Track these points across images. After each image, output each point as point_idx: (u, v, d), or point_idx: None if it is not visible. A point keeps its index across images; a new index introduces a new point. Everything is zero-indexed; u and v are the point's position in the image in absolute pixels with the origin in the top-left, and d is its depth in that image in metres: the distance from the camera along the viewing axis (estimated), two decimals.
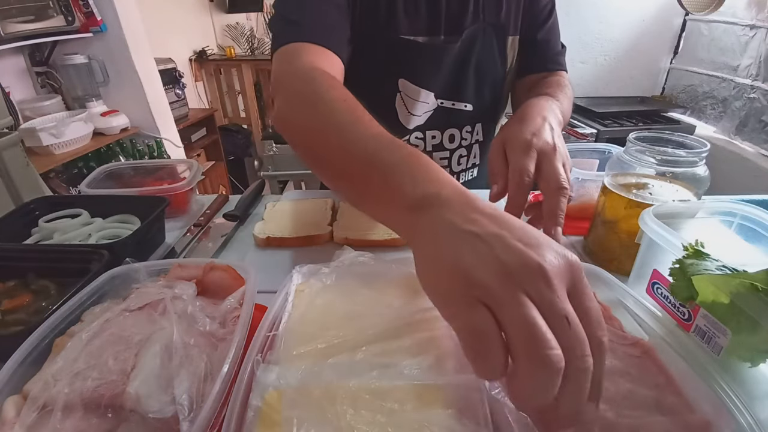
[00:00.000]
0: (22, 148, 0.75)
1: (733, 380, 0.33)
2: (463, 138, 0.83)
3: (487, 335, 0.26)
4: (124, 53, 1.89)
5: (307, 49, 0.58)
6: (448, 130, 0.81)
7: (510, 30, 0.77)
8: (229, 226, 0.71)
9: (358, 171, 0.39)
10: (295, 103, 0.50)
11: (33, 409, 0.32)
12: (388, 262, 0.48)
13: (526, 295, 0.26)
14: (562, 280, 0.27)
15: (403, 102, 0.76)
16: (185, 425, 0.31)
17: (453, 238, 0.30)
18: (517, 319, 0.25)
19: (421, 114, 0.78)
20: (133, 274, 0.47)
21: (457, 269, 0.28)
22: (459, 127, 0.81)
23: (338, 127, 0.42)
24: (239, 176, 3.23)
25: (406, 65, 0.74)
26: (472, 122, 0.82)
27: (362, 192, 0.40)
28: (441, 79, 0.76)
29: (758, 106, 1.93)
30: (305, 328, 0.39)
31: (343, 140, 0.41)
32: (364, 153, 0.39)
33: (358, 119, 0.42)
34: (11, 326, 0.46)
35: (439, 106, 0.78)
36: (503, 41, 0.77)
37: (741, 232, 0.50)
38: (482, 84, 0.79)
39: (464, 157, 0.85)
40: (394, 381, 0.34)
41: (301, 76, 0.53)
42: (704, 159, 0.52)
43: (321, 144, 0.44)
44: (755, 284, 0.34)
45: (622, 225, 0.55)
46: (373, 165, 0.37)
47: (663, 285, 0.44)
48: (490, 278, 0.27)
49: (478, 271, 0.27)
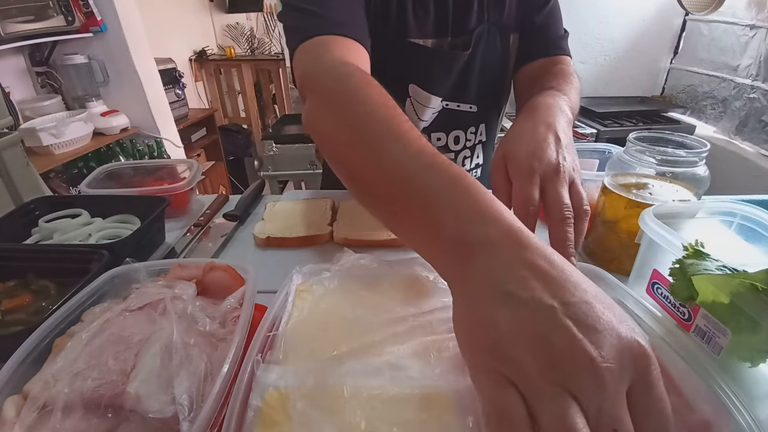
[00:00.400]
0: (22, 148, 0.75)
1: (733, 380, 0.33)
2: (468, 139, 0.82)
3: (513, 422, 0.22)
4: (124, 53, 1.89)
5: (335, 42, 0.52)
6: (453, 132, 0.81)
7: (512, 28, 0.77)
8: (229, 226, 0.71)
9: (394, 194, 0.34)
10: (328, 104, 0.45)
11: (33, 409, 0.32)
12: (389, 264, 0.48)
13: (569, 393, 0.21)
14: (622, 378, 0.22)
15: (413, 108, 0.76)
16: (185, 425, 0.31)
17: (494, 296, 0.25)
18: (553, 420, 0.21)
19: (426, 119, 0.78)
20: (133, 274, 0.47)
21: (491, 337, 0.24)
22: (464, 128, 0.81)
23: (374, 139, 0.38)
24: (239, 176, 3.23)
25: (416, 71, 0.73)
26: (476, 123, 0.82)
27: (398, 218, 0.36)
28: (448, 83, 0.76)
29: (758, 106, 1.93)
30: (306, 328, 0.39)
31: (378, 156, 0.36)
32: (402, 174, 0.34)
33: (397, 128, 0.38)
34: (11, 326, 0.46)
35: (444, 108, 0.78)
36: (506, 40, 0.77)
37: (741, 232, 0.50)
38: (486, 85, 0.79)
39: (468, 158, 0.85)
40: (396, 384, 0.34)
41: (333, 74, 0.47)
42: (704, 159, 0.52)
43: (353, 158, 0.40)
44: (755, 284, 0.34)
45: (622, 225, 0.55)
46: (410, 190, 0.33)
47: (663, 285, 0.44)
48: (527, 360, 0.23)
49: (514, 346, 0.23)
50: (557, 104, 0.55)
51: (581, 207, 0.44)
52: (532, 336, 0.23)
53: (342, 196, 0.76)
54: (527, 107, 0.56)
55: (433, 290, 0.44)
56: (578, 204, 0.44)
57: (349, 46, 0.53)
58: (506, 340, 0.23)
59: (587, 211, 0.44)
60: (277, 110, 3.36)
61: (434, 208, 0.31)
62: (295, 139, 2.01)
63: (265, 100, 3.34)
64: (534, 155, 0.46)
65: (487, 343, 0.24)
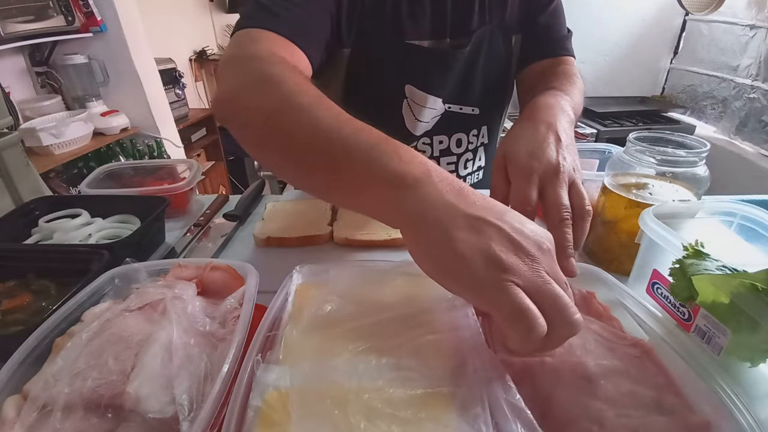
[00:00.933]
0: (22, 148, 0.74)
1: (733, 380, 0.33)
2: (470, 142, 0.82)
3: (531, 311, 0.29)
4: (124, 53, 1.89)
5: (273, 38, 0.51)
6: (455, 135, 0.80)
7: (514, 29, 0.76)
8: (229, 226, 0.71)
9: (334, 154, 0.36)
10: (251, 82, 0.43)
11: (33, 409, 0.32)
12: (388, 265, 0.48)
13: (545, 272, 0.31)
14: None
15: (410, 108, 0.75)
16: (185, 425, 0.31)
17: (466, 225, 0.32)
18: (549, 294, 0.31)
19: (429, 120, 0.77)
20: (133, 274, 0.47)
21: (489, 257, 0.31)
22: (466, 131, 0.81)
23: (305, 108, 0.39)
24: (239, 176, 3.23)
25: (412, 71, 0.72)
26: (478, 125, 0.82)
27: (337, 176, 0.37)
28: (449, 85, 0.75)
29: (758, 106, 1.93)
30: (306, 328, 0.39)
31: (313, 122, 0.38)
32: (340, 134, 0.36)
33: (327, 104, 0.39)
34: (11, 326, 0.46)
35: (447, 111, 0.77)
36: (509, 41, 0.77)
37: (741, 232, 0.50)
38: (489, 87, 0.79)
39: (470, 161, 0.85)
40: (396, 384, 0.34)
41: (258, 59, 0.46)
42: (704, 159, 0.52)
43: (286, 128, 0.39)
44: (755, 284, 0.34)
45: (622, 225, 0.55)
46: (352, 146, 0.36)
47: (663, 285, 0.44)
48: (518, 263, 0.31)
49: (508, 257, 0.31)
50: (559, 104, 0.55)
51: (583, 207, 0.44)
52: (512, 245, 0.31)
53: None
54: (529, 107, 0.55)
55: (433, 290, 0.44)
56: (579, 204, 0.44)
57: (287, 48, 0.53)
58: (501, 255, 0.31)
59: (589, 211, 0.44)
60: None
61: (379, 155, 0.35)
62: None
63: None
64: (533, 155, 0.46)
65: (489, 263, 0.31)
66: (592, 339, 0.40)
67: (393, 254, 0.63)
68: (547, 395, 0.35)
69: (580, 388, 0.35)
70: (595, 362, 0.37)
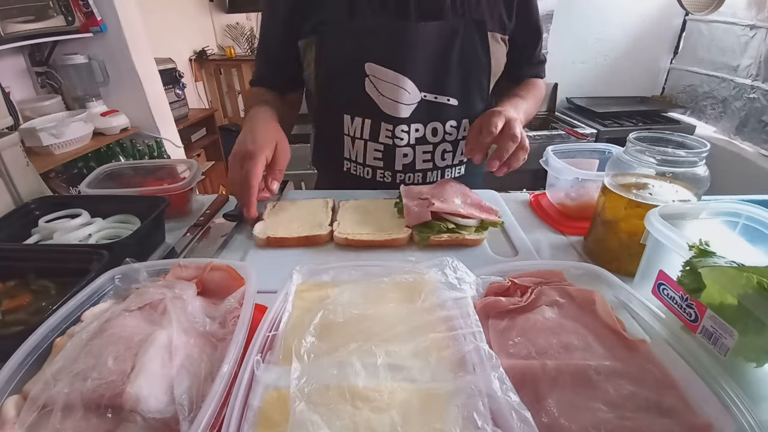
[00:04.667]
0: (22, 148, 0.74)
1: (738, 381, 0.33)
2: (447, 132, 0.83)
3: None
4: (124, 53, 1.88)
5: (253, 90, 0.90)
6: (431, 124, 0.82)
7: (489, 25, 0.78)
8: (229, 226, 0.71)
9: None
10: None
11: (33, 409, 0.32)
12: (388, 265, 0.48)
13: None
14: None
15: (373, 85, 0.78)
16: (185, 425, 0.31)
17: None
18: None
19: (407, 104, 0.79)
20: (133, 274, 0.47)
21: None
22: (442, 121, 0.82)
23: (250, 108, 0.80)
24: None
25: (369, 48, 0.77)
26: (458, 117, 0.83)
27: None
28: (418, 65, 0.77)
29: (758, 106, 1.93)
30: (305, 329, 0.39)
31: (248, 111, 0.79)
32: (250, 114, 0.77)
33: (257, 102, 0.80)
34: (11, 326, 0.46)
35: (423, 99, 0.80)
36: (484, 36, 0.78)
37: (745, 232, 0.50)
38: (467, 79, 0.80)
39: (449, 153, 0.85)
40: (396, 384, 0.34)
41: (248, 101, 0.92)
42: (704, 159, 0.52)
43: None
44: (762, 283, 0.34)
45: (622, 225, 0.55)
46: None
47: (669, 286, 0.44)
48: None
49: None
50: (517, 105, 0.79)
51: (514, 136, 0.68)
52: None
53: (340, 196, 0.76)
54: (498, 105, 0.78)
55: (433, 290, 0.44)
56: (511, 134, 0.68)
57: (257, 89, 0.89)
58: None
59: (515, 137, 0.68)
60: None
61: None
62: (295, 139, 1.99)
63: None
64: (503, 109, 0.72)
65: None
66: (594, 340, 0.40)
67: (393, 254, 0.63)
68: (548, 398, 0.34)
69: (581, 390, 0.35)
70: (596, 364, 0.37)
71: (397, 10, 0.75)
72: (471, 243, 0.64)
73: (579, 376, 0.36)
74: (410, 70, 0.77)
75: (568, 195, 0.71)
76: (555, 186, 0.75)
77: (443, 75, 0.79)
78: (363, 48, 0.77)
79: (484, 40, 0.79)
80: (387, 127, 0.81)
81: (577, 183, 0.69)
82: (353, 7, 0.75)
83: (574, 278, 0.49)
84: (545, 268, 0.50)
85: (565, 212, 0.73)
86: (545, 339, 0.40)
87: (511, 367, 0.35)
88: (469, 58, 0.79)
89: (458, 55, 0.78)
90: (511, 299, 0.45)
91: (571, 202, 0.71)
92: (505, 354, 0.39)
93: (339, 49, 0.78)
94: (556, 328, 0.41)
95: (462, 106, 0.82)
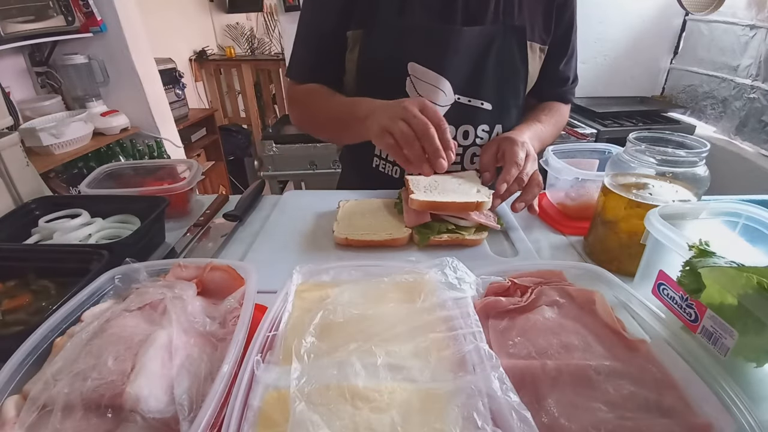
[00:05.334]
0: (22, 148, 0.74)
1: (738, 381, 0.33)
2: (479, 136, 0.83)
3: None
4: (124, 53, 1.88)
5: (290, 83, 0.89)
6: (462, 126, 0.82)
7: (528, 34, 0.78)
8: (229, 226, 0.71)
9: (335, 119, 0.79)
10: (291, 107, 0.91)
11: (33, 409, 0.32)
12: (388, 265, 0.48)
13: None
14: None
15: (413, 86, 0.78)
16: (185, 425, 0.31)
17: None
18: None
19: (437, 101, 0.79)
20: (133, 274, 0.47)
21: None
22: (474, 124, 0.82)
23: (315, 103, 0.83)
24: (239, 176, 3.23)
25: (414, 48, 0.76)
26: (491, 122, 0.83)
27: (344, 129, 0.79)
28: (456, 68, 0.77)
29: (758, 106, 1.93)
30: (305, 329, 0.39)
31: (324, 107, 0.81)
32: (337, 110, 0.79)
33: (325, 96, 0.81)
34: (11, 326, 0.46)
35: (457, 101, 0.79)
36: (523, 44, 0.79)
37: (745, 233, 0.50)
38: (503, 85, 0.80)
39: (479, 157, 0.84)
40: (396, 384, 0.34)
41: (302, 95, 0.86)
42: (704, 159, 0.52)
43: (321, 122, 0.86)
44: (762, 283, 0.34)
45: (622, 225, 0.55)
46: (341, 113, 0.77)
47: (669, 286, 0.44)
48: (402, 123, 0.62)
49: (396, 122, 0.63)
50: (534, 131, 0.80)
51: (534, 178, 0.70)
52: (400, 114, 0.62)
53: (348, 195, 0.76)
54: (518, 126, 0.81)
55: (433, 290, 0.44)
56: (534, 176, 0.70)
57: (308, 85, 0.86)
58: None
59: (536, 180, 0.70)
60: (277, 110, 3.36)
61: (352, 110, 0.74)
62: (295, 139, 2.00)
63: (265, 100, 3.34)
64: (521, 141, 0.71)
65: None
66: (594, 340, 0.40)
67: (393, 254, 0.63)
68: (548, 398, 0.34)
69: (581, 390, 0.35)
70: (596, 364, 0.37)
71: (444, 12, 0.75)
72: (471, 243, 0.64)
73: (579, 376, 0.36)
74: (449, 73, 0.77)
75: (568, 195, 0.71)
76: (555, 186, 0.75)
77: (479, 78, 0.79)
78: (408, 47, 0.77)
79: (522, 48, 0.79)
80: None
81: (577, 183, 0.69)
82: (404, 5, 0.75)
83: (574, 278, 0.49)
84: (545, 268, 0.50)
85: (565, 212, 0.73)
86: (545, 339, 0.40)
87: (511, 367, 0.35)
88: (506, 64, 0.79)
89: (495, 60, 0.78)
90: (511, 299, 0.45)
91: (571, 202, 0.71)
92: (505, 354, 0.39)
93: (385, 45, 0.77)
94: (556, 328, 0.41)
95: (496, 111, 0.82)
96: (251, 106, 3.22)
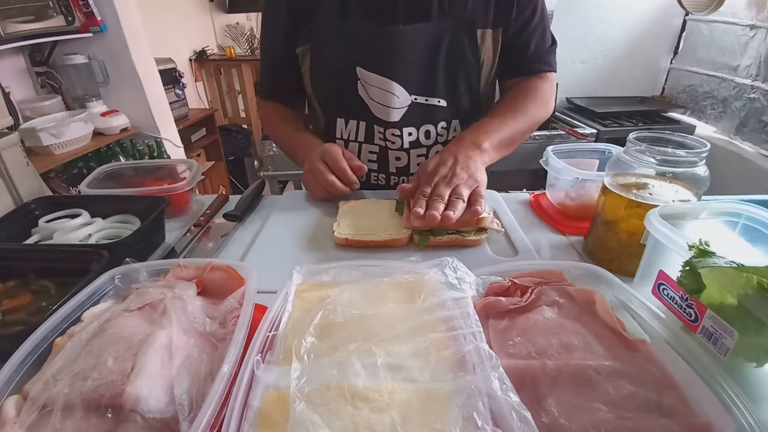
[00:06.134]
0: (22, 148, 0.74)
1: (738, 381, 0.33)
2: (439, 134, 0.83)
3: None
4: (124, 53, 1.88)
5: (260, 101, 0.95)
6: (423, 126, 0.82)
7: (479, 23, 0.76)
8: (229, 226, 0.71)
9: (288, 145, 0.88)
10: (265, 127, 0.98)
11: (33, 409, 0.32)
12: (388, 265, 0.48)
13: None
14: None
15: (365, 90, 0.78)
16: (185, 425, 0.31)
17: None
18: None
19: (398, 107, 0.79)
20: (133, 274, 0.47)
21: None
22: (434, 122, 0.82)
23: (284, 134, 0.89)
24: (239, 176, 3.23)
25: (359, 52, 0.77)
26: (447, 118, 0.82)
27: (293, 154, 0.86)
28: (406, 68, 0.76)
29: (758, 106, 1.93)
30: (305, 329, 0.39)
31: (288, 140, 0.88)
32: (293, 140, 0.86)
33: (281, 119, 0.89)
34: (11, 326, 0.46)
35: (414, 102, 0.79)
36: (473, 35, 0.77)
37: (745, 233, 0.50)
38: (455, 79, 0.79)
39: None
40: (396, 384, 0.34)
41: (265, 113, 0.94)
42: (704, 159, 0.52)
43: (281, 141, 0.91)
44: (762, 283, 0.34)
45: (622, 225, 0.55)
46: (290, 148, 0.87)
47: (669, 286, 0.44)
48: None
49: None
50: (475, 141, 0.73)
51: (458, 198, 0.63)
52: None
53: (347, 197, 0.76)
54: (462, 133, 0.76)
55: (433, 290, 0.44)
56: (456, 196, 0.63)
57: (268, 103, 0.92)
58: None
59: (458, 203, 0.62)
60: None
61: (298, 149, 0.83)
62: None
63: None
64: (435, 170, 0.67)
65: None
66: (594, 340, 0.40)
67: (393, 254, 0.63)
68: (548, 398, 0.34)
69: (581, 390, 0.35)
70: (596, 364, 0.37)
71: (385, 12, 0.74)
72: (471, 243, 0.64)
73: (579, 376, 0.36)
74: (398, 75, 0.77)
75: (568, 195, 0.71)
76: (555, 186, 0.75)
77: (432, 77, 0.78)
78: (354, 52, 0.77)
79: (472, 39, 0.77)
80: (379, 130, 0.82)
81: (577, 183, 0.69)
82: (346, 10, 0.75)
83: (574, 278, 0.49)
84: (545, 268, 0.50)
85: (565, 212, 0.73)
86: (545, 339, 0.40)
87: (511, 367, 0.35)
88: (456, 58, 0.77)
89: (445, 55, 0.77)
90: (511, 299, 0.45)
91: (571, 202, 0.71)
92: (505, 354, 0.39)
93: (332, 53, 0.78)
94: (556, 328, 0.41)
95: (450, 107, 0.81)
96: (251, 106, 3.21)
